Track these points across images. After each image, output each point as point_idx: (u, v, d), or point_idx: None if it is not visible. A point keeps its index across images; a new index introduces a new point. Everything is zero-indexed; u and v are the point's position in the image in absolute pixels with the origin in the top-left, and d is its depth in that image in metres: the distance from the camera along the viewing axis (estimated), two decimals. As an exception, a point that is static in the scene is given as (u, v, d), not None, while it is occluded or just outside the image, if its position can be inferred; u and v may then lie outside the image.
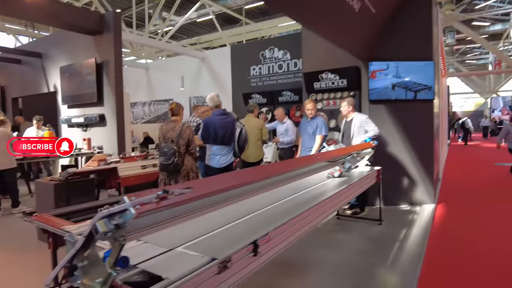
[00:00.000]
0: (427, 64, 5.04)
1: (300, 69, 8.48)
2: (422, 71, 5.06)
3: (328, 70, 5.69)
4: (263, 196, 2.16)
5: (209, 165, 4.03)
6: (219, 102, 4.05)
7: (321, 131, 4.65)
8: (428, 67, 5.05)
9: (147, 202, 1.11)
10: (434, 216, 4.68)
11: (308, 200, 2.44)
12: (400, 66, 5.08)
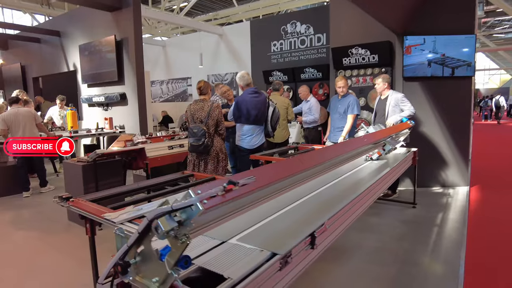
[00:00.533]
0: (468, 38, 4.67)
1: (324, 44, 8.13)
2: (462, 45, 4.71)
3: (358, 45, 5.38)
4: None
5: (239, 146, 3.90)
6: (250, 80, 3.86)
7: (353, 110, 4.40)
8: (469, 41, 4.69)
9: (214, 195, 0.97)
10: (469, 199, 4.47)
11: (353, 186, 2.30)
12: (438, 40, 4.73)
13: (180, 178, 2.68)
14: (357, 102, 4.46)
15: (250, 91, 3.81)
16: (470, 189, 4.93)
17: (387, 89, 4.39)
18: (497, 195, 4.81)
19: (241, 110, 3.72)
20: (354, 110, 4.39)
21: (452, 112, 4.84)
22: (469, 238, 3.21)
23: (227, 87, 4.55)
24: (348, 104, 4.42)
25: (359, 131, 3.34)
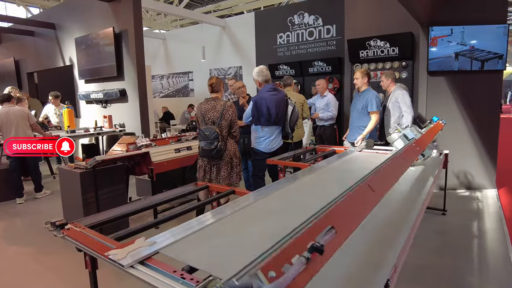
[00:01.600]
0: (500, 28, 4.28)
1: (333, 36, 7.71)
2: (493, 36, 4.32)
3: (376, 36, 4.98)
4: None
5: (255, 149, 3.53)
6: (269, 76, 3.47)
7: (372, 106, 3.92)
8: (500, 31, 4.30)
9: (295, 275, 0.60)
10: (501, 204, 4.13)
11: (403, 203, 1.93)
12: (467, 30, 4.34)
13: (193, 191, 2.31)
14: (377, 97, 4.01)
15: (268, 88, 3.43)
16: (498, 191, 4.59)
17: (392, 85, 4.21)
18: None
19: (260, 110, 3.34)
20: (373, 106, 3.93)
21: (480, 109, 4.48)
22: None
23: (242, 83, 4.14)
24: (366, 101, 4.01)
25: (392, 133, 2.96)
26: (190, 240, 1.42)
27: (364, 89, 4.06)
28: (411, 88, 4.95)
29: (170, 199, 2.12)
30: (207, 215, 1.68)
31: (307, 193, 2.07)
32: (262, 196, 1.99)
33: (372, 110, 3.96)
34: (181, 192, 2.26)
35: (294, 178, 2.40)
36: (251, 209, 1.78)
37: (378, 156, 3.30)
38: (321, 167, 2.80)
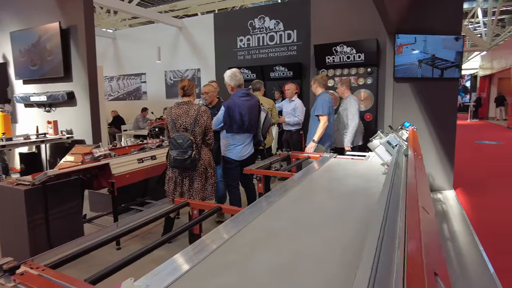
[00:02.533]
0: (457, 39, 4.52)
1: (294, 41, 7.72)
2: (451, 46, 4.54)
3: (343, 42, 5.01)
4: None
5: (226, 157, 3.28)
6: (242, 80, 3.25)
7: (319, 110, 3.92)
8: (458, 42, 4.53)
9: None
10: (461, 204, 4.32)
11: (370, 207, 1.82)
12: (429, 40, 4.52)
13: (173, 209, 2.00)
14: (324, 101, 3.92)
15: (241, 94, 3.20)
16: (456, 192, 4.82)
17: (346, 92, 4.42)
18: (483, 197, 4.74)
19: (233, 117, 3.10)
20: (319, 110, 3.92)
21: (440, 114, 4.68)
22: (490, 255, 2.95)
23: (210, 86, 3.84)
24: (315, 105, 4.03)
25: (374, 140, 2.91)
26: (191, 278, 1.14)
27: (320, 93, 4.05)
28: (376, 94, 5.05)
29: (148, 221, 1.79)
30: (203, 241, 1.41)
31: (304, 208, 1.87)
32: (257, 212, 1.76)
33: (318, 113, 3.93)
34: (158, 212, 1.94)
35: (283, 190, 2.19)
36: (251, 231, 1.54)
37: (355, 163, 3.24)
38: (305, 176, 2.63)
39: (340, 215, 1.74)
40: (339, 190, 2.25)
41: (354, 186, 2.35)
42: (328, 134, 4.03)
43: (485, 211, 4.15)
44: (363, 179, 2.56)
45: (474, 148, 9.19)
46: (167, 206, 2.10)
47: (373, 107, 5.06)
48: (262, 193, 3.02)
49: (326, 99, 3.93)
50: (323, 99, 3.94)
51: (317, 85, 4.11)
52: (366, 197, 2.07)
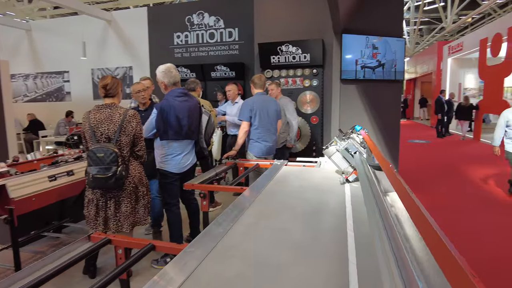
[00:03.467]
0: (399, 41, 4.55)
1: (236, 40, 7.35)
2: (394, 48, 4.56)
3: (289, 42, 4.76)
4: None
5: (162, 170, 2.76)
6: (178, 78, 2.76)
7: (238, 115, 3.70)
8: (400, 44, 4.56)
9: None
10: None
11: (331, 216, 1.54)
12: (373, 41, 4.48)
13: (92, 249, 1.47)
14: (245, 104, 3.62)
15: (177, 93, 2.71)
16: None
17: (280, 94, 4.25)
18: (427, 197, 4.84)
19: (168, 121, 2.60)
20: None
21: (385, 115, 4.69)
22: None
23: (140, 85, 3.26)
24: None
25: (330, 146, 2.64)
26: None
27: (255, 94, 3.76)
28: (322, 96, 4.89)
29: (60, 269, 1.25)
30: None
31: (264, 239, 1.49)
32: (204, 252, 1.33)
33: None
34: (69, 257, 1.40)
35: (236, 212, 1.79)
36: (196, 284, 1.10)
37: (309, 171, 2.99)
38: (259, 191, 2.26)
39: (310, 247, 1.39)
40: (301, 208, 1.92)
41: (317, 202, 2.04)
42: (256, 141, 3.61)
43: (430, 211, 4.20)
44: (324, 192, 2.28)
45: (407, 147, 9.74)
46: (82, 245, 1.56)
47: (319, 110, 4.90)
48: (207, 211, 2.58)
49: (248, 102, 3.56)
50: (244, 103, 3.60)
51: (252, 86, 3.73)
52: (334, 217, 1.76)
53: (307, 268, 1.21)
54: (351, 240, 1.50)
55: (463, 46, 12.55)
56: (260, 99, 3.58)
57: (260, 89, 3.62)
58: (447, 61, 14.14)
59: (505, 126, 4.39)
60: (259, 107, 3.56)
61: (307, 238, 1.50)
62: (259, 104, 3.56)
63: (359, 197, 2.18)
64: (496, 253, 3.15)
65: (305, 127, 4.98)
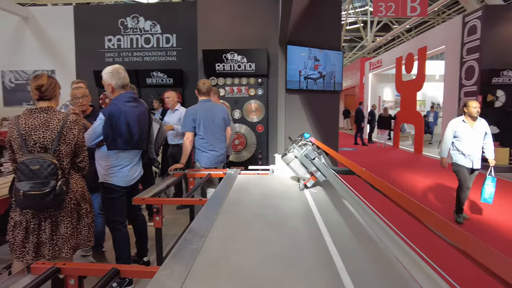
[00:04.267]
0: (338, 54, 4.83)
1: (174, 46, 7.09)
2: (333, 61, 4.82)
3: (234, 50, 4.72)
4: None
5: (108, 184, 2.45)
6: (127, 80, 2.50)
7: (182, 125, 3.57)
8: (339, 57, 4.85)
9: None
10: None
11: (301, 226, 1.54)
12: (314, 53, 4.68)
13: (36, 283, 1.19)
14: (187, 113, 3.42)
15: (127, 98, 2.46)
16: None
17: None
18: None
19: (118, 128, 2.33)
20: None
21: (325, 124, 4.91)
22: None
23: (78, 90, 2.88)
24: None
25: (288, 153, 2.62)
26: None
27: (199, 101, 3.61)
28: (266, 105, 4.93)
29: None
30: None
31: (245, 256, 1.37)
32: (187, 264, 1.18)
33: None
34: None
35: (205, 226, 1.64)
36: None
37: (265, 179, 2.95)
38: (220, 202, 2.13)
39: (296, 259, 1.32)
40: (271, 216, 1.85)
41: (284, 209, 2.00)
42: (203, 151, 3.43)
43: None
44: (287, 199, 2.26)
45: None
46: (20, 280, 1.26)
47: (264, 118, 4.93)
48: (160, 228, 2.35)
49: (190, 111, 3.37)
50: (186, 111, 3.40)
51: (196, 92, 3.53)
52: (306, 223, 1.73)
53: (304, 283, 1.13)
54: (331, 246, 1.47)
55: (382, 63, 13.97)
56: (204, 107, 3.40)
57: (204, 96, 3.45)
58: (369, 76, 15.60)
59: (452, 137, 4.10)
60: (203, 115, 3.37)
61: (288, 247, 1.44)
62: (203, 113, 3.37)
63: (321, 202, 2.19)
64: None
65: (250, 135, 4.95)
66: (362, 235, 1.60)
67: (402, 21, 17.86)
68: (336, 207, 2.08)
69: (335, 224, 1.75)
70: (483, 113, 7.06)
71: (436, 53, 10.66)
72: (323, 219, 1.84)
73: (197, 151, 3.46)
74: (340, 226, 1.73)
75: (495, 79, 7.02)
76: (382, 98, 16.05)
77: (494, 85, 7.08)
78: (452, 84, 8.35)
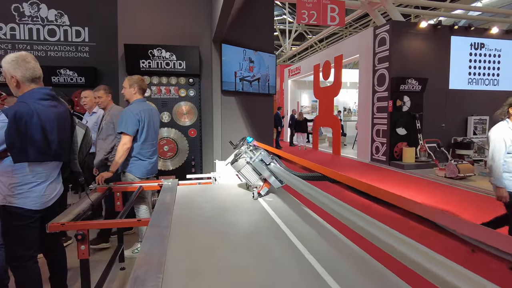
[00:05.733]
0: (271, 57, 4.75)
1: (86, 41, 6.21)
2: (267, 63, 4.73)
3: (162, 46, 4.27)
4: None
5: (13, 207, 1.84)
6: (39, 72, 1.93)
7: (120, 125, 2.89)
8: (272, 60, 4.78)
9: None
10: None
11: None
12: (249, 54, 4.52)
13: None
14: (131, 114, 2.87)
15: (42, 95, 1.90)
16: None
17: (110, 102, 3.61)
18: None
19: (28, 134, 1.76)
20: (121, 125, 2.86)
21: (261, 127, 4.79)
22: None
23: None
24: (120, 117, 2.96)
25: (239, 159, 2.35)
26: None
27: (134, 100, 3.07)
28: (199, 107, 4.59)
29: None
30: None
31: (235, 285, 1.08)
32: None
33: (120, 130, 2.93)
34: None
35: (158, 249, 1.29)
36: None
37: (210, 188, 2.65)
38: (168, 216, 1.76)
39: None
40: (234, 235, 1.57)
41: (245, 224, 1.75)
42: (139, 159, 2.97)
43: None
44: (244, 211, 2.02)
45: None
46: None
47: (197, 122, 4.57)
48: (87, 259, 1.85)
49: (133, 111, 2.87)
50: (129, 111, 2.87)
51: (135, 88, 2.98)
52: (276, 239, 1.50)
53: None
54: (318, 267, 1.26)
55: (300, 70, 14.67)
56: (145, 107, 3.00)
57: (141, 95, 3.04)
58: (288, 82, 16.24)
59: (506, 151, 2.80)
60: (147, 117, 2.96)
61: (270, 274, 1.18)
62: (147, 114, 2.97)
63: (282, 212, 1.99)
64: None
65: (182, 140, 4.54)
66: (345, 249, 1.43)
67: (316, 32, 19.16)
68: (302, 217, 1.89)
69: (310, 239, 1.55)
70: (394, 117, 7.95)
71: (351, 61, 11.58)
72: (293, 232, 1.63)
73: (131, 159, 2.96)
74: (317, 240, 1.54)
75: (402, 86, 7.86)
76: (301, 103, 16.88)
77: (401, 91, 7.93)
78: (366, 90, 9.12)
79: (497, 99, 8.99)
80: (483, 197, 5.24)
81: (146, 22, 4.32)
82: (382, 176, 7.21)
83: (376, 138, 8.74)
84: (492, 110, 8.74)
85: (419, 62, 8.28)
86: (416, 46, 8.28)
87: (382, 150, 8.50)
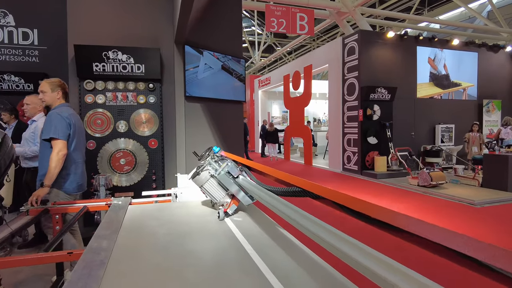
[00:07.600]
0: (242, 62, 4.45)
1: (35, 44, 5.63)
2: (237, 68, 4.42)
3: (117, 47, 3.84)
4: None
5: None
6: None
7: (48, 130, 2.43)
8: (241, 65, 4.48)
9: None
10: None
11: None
12: (218, 56, 4.19)
13: None
14: (60, 118, 2.47)
15: None
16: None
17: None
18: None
19: None
20: (49, 130, 2.41)
21: (229, 136, 4.43)
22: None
23: None
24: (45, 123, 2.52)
25: (201, 172, 1.97)
26: None
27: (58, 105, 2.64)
28: (161, 115, 4.17)
29: None
30: None
31: None
32: None
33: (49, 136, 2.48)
34: None
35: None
36: None
37: (168, 207, 2.24)
38: (110, 246, 1.35)
39: None
40: (197, 273, 1.18)
41: (210, 255, 1.37)
42: (72, 172, 2.57)
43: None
44: (209, 236, 1.63)
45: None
46: None
47: (158, 131, 4.13)
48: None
49: (62, 115, 2.47)
50: (56, 114, 2.46)
51: (59, 92, 2.59)
52: (250, 276, 1.13)
53: None
54: None
55: (270, 81, 14.54)
56: (72, 112, 2.64)
57: (65, 99, 2.64)
58: (258, 93, 16.06)
59: None
60: (77, 122, 2.62)
61: None
62: (76, 119, 2.61)
63: (253, 234, 1.63)
64: None
65: (141, 152, 4.07)
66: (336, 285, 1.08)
67: (284, 44, 19.27)
68: (276, 241, 1.54)
69: (288, 273, 1.20)
70: (365, 126, 7.89)
71: (320, 71, 11.57)
72: (267, 263, 1.27)
73: (62, 172, 2.46)
74: (297, 275, 1.19)
75: (372, 95, 7.83)
76: (271, 114, 16.73)
77: (371, 100, 7.90)
78: (336, 99, 9.05)
79: (462, 107, 9.33)
80: (459, 205, 5.16)
81: (100, 20, 3.88)
82: (355, 186, 7.05)
83: (348, 148, 8.65)
84: (457, 118, 9.01)
85: (388, 71, 8.34)
86: (385, 56, 8.35)
87: (353, 159, 8.39)
